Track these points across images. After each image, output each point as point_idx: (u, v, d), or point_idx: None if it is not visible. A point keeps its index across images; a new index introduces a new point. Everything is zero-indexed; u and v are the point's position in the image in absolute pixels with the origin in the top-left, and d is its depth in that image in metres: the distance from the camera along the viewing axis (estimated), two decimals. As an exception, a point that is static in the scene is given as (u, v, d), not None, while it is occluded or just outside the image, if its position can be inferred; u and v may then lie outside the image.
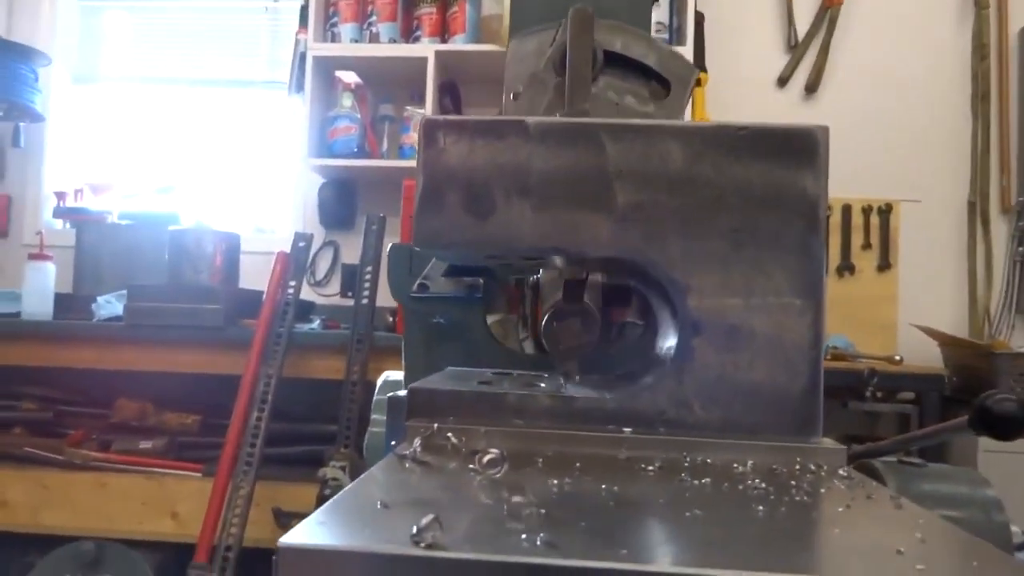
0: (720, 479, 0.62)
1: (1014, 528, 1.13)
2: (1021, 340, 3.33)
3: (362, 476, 0.56)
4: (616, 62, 1.08)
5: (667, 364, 0.75)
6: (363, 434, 1.56)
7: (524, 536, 0.43)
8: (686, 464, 0.68)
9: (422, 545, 0.42)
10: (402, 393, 1.24)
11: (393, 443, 0.66)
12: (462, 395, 0.76)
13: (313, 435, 2.96)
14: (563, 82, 1.01)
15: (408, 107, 3.50)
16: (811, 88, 3.59)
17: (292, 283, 2.98)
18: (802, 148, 0.76)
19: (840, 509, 0.55)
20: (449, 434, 0.69)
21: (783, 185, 0.76)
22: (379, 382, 1.51)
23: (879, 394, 2.98)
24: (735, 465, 0.68)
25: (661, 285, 0.82)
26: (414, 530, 0.42)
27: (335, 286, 3.62)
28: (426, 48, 3.35)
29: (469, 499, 0.51)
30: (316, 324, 3.10)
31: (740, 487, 0.60)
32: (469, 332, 1.33)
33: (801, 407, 0.75)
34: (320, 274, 3.67)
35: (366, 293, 2.95)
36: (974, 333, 3.40)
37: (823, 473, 0.67)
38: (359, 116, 3.43)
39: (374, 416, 1.45)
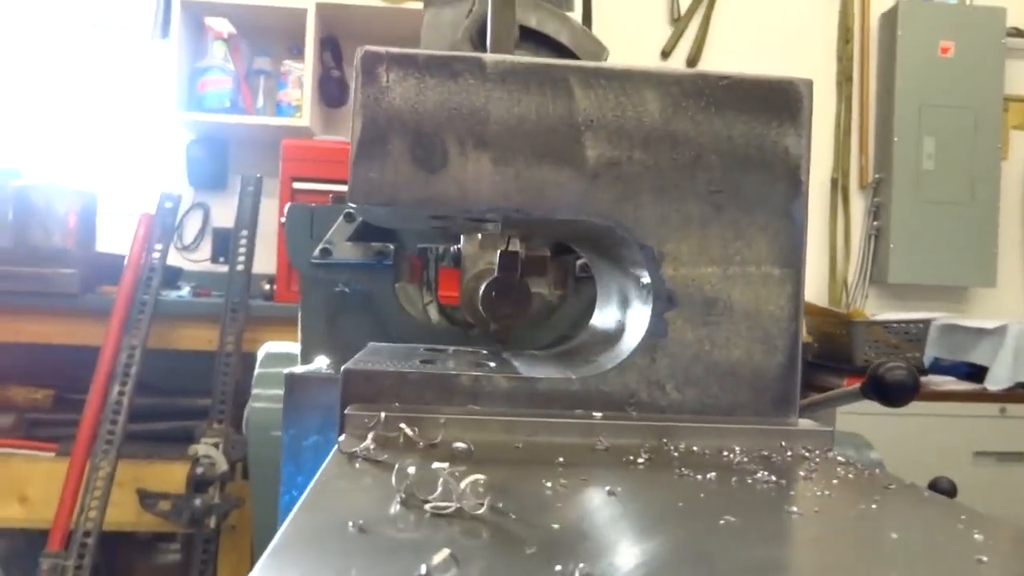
0: (723, 471, 0.54)
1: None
2: (874, 308, 3.51)
3: (312, 486, 0.45)
4: (531, 37, 1.07)
5: (641, 340, 0.67)
6: (240, 408, 1.42)
7: (558, 568, 0.34)
8: (675, 454, 0.60)
9: (441, 592, 0.31)
10: (299, 370, 1.13)
11: (339, 439, 0.55)
12: (406, 377, 0.65)
13: (183, 410, 2.77)
14: None
15: (286, 61, 3.27)
16: (692, 62, 3.61)
17: (158, 247, 2.74)
18: (785, 102, 0.69)
19: (873, 506, 0.48)
20: (401, 424, 0.58)
21: (764, 143, 0.69)
22: (260, 355, 1.39)
23: (748, 360, 3.07)
24: (725, 453, 0.61)
25: (614, 252, 0.74)
26: (423, 570, 0.32)
27: (205, 251, 3.37)
28: (306, -1, 3.12)
29: (462, 513, 0.41)
30: (185, 292, 2.88)
31: (749, 480, 0.53)
32: (377, 302, 1.22)
33: (778, 386, 0.69)
34: (188, 238, 3.40)
35: (241, 259, 2.75)
36: (833, 302, 3.58)
37: (817, 459, 0.61)
38: (232, 68, 3.18)
39: (256, 391, 1.33)
